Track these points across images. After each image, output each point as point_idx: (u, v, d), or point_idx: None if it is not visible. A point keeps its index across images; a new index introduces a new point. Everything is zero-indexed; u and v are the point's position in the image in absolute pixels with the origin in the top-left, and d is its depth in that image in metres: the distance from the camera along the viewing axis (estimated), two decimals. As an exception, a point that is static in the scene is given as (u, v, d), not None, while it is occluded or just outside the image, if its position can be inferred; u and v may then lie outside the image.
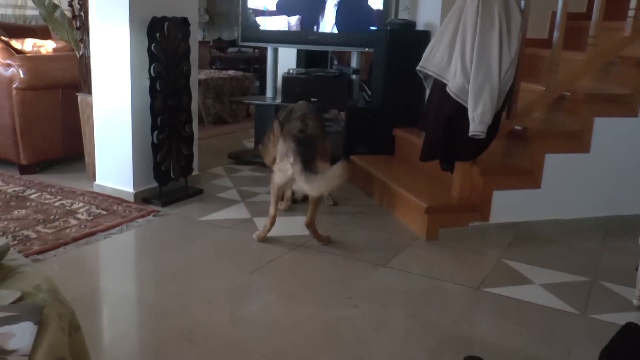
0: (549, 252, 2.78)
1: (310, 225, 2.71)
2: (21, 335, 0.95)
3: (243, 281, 2.32)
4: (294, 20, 4.12)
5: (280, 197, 2.87)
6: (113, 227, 2.79)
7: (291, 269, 2.48)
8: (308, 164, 2.48)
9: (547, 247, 2.84)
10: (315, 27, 4.11)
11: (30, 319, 0.99)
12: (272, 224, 2.72)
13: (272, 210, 2.71)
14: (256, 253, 2.63)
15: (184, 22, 3.16)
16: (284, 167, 2.60)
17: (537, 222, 3.00)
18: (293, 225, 2.91)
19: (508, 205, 2.94)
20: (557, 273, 2.52)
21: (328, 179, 2.43)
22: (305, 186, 2.48)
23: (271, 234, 2.79)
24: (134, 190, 3.18)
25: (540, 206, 3.00)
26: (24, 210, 2.97)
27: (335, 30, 4.09)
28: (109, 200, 3.15)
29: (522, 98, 2.94)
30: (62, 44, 3.90)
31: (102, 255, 2.61)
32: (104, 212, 2.98)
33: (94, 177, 3.36)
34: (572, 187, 3.02)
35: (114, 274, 2.44)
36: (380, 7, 3.96)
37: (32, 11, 5.57)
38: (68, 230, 2.72)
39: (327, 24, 4.09)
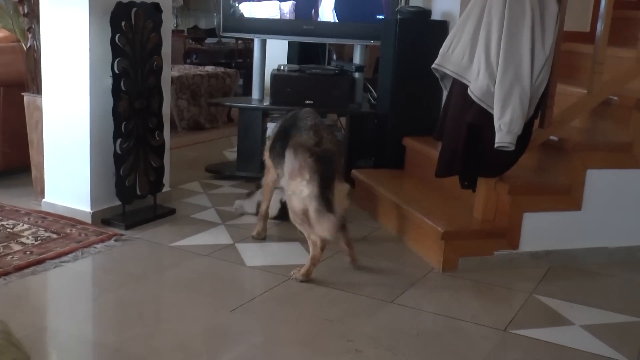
0: (591, 286, 2.80)
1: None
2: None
3: (223, 321, 2.34)
4: (286, 6, 4.17)
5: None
6: (65, 253, 2.80)
7: (281, 306, 2.49)
8: (326, 189, 2.54)
9: (590, 280, 2.87)
10: (311, 15, 4.16)
11: (-20, 366, 1.00)
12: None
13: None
14: (239, 287, 2.65)
15: (155, 8, 3.20)
16: (298, 189, 2.61)
17: (576, 250, 3.02)
18: (283, 253, 2.93)
19: (542, 231, 2.97)
20: (601, 312, 2.54)
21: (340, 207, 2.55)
22: (317, 225, 2.54)
23: (257, 262, 2.81)
24: (91, 209, 3.19)
25: (580, 232, 3.02)
26: (-43, 233, 2.99)
27: (336, 19, 4.15)
28: (61, 222, 3.16)
29: (558, 103, 2.97)
30: (4, 33, 3.92)
31: (51, 288, 2.62)
32: (55, 236, 2.99)
33: (42, 194, 3.37)
34: (619, 209, 3.05)
35: (67, 311, 2.44)
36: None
37: (-32, -8, 5.59)
38: (9, 257, 2.73)
39: (326, 11, 4.15)
